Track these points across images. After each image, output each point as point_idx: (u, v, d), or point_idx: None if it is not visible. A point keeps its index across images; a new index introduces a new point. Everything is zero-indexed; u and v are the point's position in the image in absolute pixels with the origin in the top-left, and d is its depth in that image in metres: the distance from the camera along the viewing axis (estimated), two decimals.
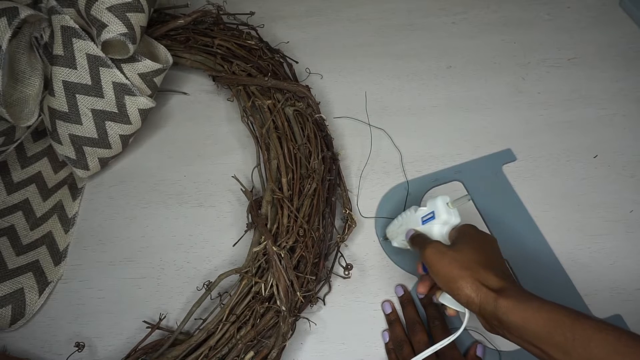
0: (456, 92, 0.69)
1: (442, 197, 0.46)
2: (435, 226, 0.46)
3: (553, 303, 0.35)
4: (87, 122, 0.56)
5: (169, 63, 0.61)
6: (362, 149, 0.63)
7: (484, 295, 0.37)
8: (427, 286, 0.46)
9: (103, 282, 0.54)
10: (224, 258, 0.55)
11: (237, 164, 0.62)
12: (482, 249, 0.41)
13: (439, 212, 0.45)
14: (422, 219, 0.47)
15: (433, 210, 0.46)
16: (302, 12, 0.79)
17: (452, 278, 0.39)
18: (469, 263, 0.39)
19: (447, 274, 0.40)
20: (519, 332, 0.36)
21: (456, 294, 0.39)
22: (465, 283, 0.38)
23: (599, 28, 0.75)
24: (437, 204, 0.46)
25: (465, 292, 0.38)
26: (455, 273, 0.39)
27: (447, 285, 0.40)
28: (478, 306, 0.38)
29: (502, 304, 0.36)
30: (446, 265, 0.40)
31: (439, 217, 0.45)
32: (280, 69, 0.67)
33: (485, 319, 0.39)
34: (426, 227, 0.46)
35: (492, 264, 0.40)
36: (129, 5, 0.53)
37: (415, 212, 0.48)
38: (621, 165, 0.61)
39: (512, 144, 0.63)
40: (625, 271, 0.53)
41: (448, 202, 0.46)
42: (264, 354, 0.46)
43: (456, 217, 0.45)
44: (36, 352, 0.50)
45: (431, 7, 0.79)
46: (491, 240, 0.43)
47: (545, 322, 0.34)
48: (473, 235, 0.43)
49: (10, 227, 0.56)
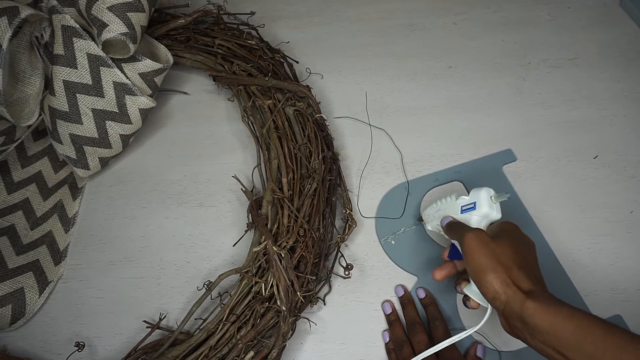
0: (457, 92, 0.69)
1: (486, 190, 0.45)
2: (474, 217, 0.45)
3: (584, 311, 0.35)
4: (87, 121, 0.56)
5: (170, 63, 0.61)
6: (362, 149, 0.63)
7: (513, 293, 0.37)
8: (444, 275, 0.46)
9: (103, 282, 0.54)
10: (224, 258, 0.55)
11: (238, 163, 0.62)
12: (521, 249, 0.41)
13: (481, 204, 0.45)
14: (462, 208, 0.46)
15: (475, 201, 0.45)
16: (303, 12, 0.79)
17: (485, 269, 0.39)
18: (506, 259, 0.39)
19: (482, 264, 0.39)
20: (543, 337, 0.35)
21: (484, 286, 0.39)
22: (496, 277, 0.38)
23: (600, 28, 0.75)
24: (480, 196, 0.45)
25: (494, 286, 0.38)
26: (490, 265, 0.39)
27: (478, 275, 0.39)
28: (504, 303, 0.38)
29: (529, 306, 0.36)
30: (484, 254, 0.40)
31: (480, 208, 0.45)
32: (280, 68, 0.67)
33: (507, 318, 0.38)
34: (465, 216, 0.46)
35: (528, 266, 0.40)
36: (130, 4, 0.53)
37: (455, 200, 0.48)
38: (622, 166, 0.60)
39: (513, 144, 0.63)
40: (626, 271, 0.53)
41: (492, 196, 0.45)
42: (264, 353, 0.46)
43: (497, 212, 0.45)
44: (36, 352, 0.50)
45: (432, 7, 0.79)
46: (531, 244, 0.43)
47: (576, 329, 0.34)
48: (515, 233, 0.43)
49: (11, 227, 0.56)
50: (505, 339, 0.49)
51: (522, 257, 0.40)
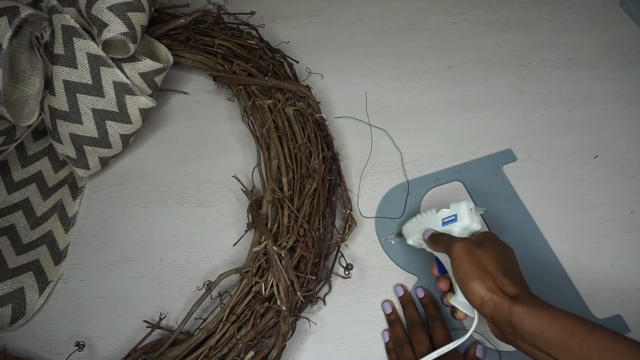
0: (457, 92, 0.69)
1: (466, 202, 0.47)
2: (456, 229, 0.46)
3: (569, 312, 0.36)
4: (87, 121, 0.56)
5: (170, 62, 0.61)
6: (362, 148, 0.63)
7: (500, 299, 0.38)
8: (447, 284, 0.47)
9: (103, 282, 0.54)
10: (224, 258, 0.55)
11: (238, 163, 0.62)
12: (504, 256, 0.42)
13: (462, 216, 0.46)
14: (443, 220, 0.47)
15: (456, 213, 0.46)
16: (303, 12, 0.79)
17: (471, 277, 0.39)
18: (491, 267, 0.40)
19: (468, 272, 0.40)
20: (532, 340, 0.36)
21: (471, 294, 0.39)
22: (482, 285, 0.39)
23: (600, 28, 0.75)
24: (461, 208, 0.46)
25: (481, 293, 0.39)
26: (476, 273, 0.39)
27: (464, 283, 0.40)
28: (492, 310, 0.38)
29: (517, 310, 0.36)
30: (469, 263, 0.40)
31: (461, 220, 0.46)
32: (280, 68, 0.67)
33: (497, 324, 0.39)
34: (446, 228, 0.47)
35: (512, 271, 0.41)
36: (130, 4, 0.53)
37: (436, 213, 0.48)
38: (622, 166, 0.60)
39: (513, 144, 0.63)
40: (626, 271, 0.53)
41: (472, 208, 0.46)
42: (264, 353, 0.46)
43: (478, 224, 0.46)
44: (36, 352, 0.50)
45: (432, 7, 0.79)
46: (511, 250, 0.44)
47: (561, 330, 0.34)
48: (496, 242, 0.44)
49: (11, 227, 0.56)
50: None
51: (505, 263, 0.41)
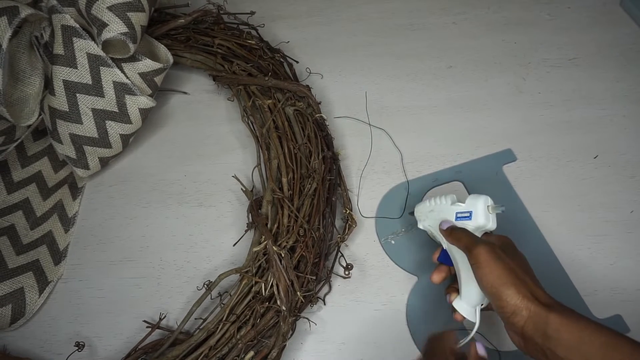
0: (457, 92, 0.69)
1: (484, 198, 0.44)
2: (469, 227, 0.44)
3: (610, 328, 0.35)
4: (87, 121, 0.56)
5: (170, 62, 0.61)
6: (362, 148, 0.63)
7: (535, 308, 0.36)
8: (442, 277, 0.46)
9: (103, 282, 0.54)
10: (224, 258, 0.55)
11: (238, 163, 0.62)
12: (525, 263, 0.41)
13: (477, 214, 0.43)
14: (457, 215, 0.45)
15: (471, 211, 0.44)
16: (303, 12, 0.79)
17: (505, 284, 0.38)
18: (522, 274, 0.38)
19: (499, 279, 0.38)
20: (567, 352, 0.35)
21: (504, 301, 0.37)
22: (517, 292, 0.37)
23: (600, 28, 0.75)
24: (477, 206, 0.44)
25: (515, 301, 0.37)
26: (509, 280, 0.38)
27: (497, 289, 0.38)
28: (525, 318, 0.37)
29: (554, 320, 0.35)
30: (501, 268, 0.38)
31: (476, 219, 0.43)
32: (280, 68, 0.67)
33: (527, 334, 0.37)
34: (458, 223, 0.45)
35: (536, 279, 0.40)
36: (130, 4, 0.53)
37: (450, 204, 0.46)
38: (622, 166, 0.60)
39: (513, 144, 0.63)
40: (626, 271, 0.53)
41: (489, 206, 0.44)
42: (264, 353, 0.46)
43: (493, 223, 0.44)
44: (36, 352, 0.50)
45: (432, 7, 0.79)
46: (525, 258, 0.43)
47: (602, 345, 0.33)
48: (516, 249, 0.43)
49: (11, 227, 0.56)
50: (504, 339, 0.48)
51: (531, 271, 0.40)
